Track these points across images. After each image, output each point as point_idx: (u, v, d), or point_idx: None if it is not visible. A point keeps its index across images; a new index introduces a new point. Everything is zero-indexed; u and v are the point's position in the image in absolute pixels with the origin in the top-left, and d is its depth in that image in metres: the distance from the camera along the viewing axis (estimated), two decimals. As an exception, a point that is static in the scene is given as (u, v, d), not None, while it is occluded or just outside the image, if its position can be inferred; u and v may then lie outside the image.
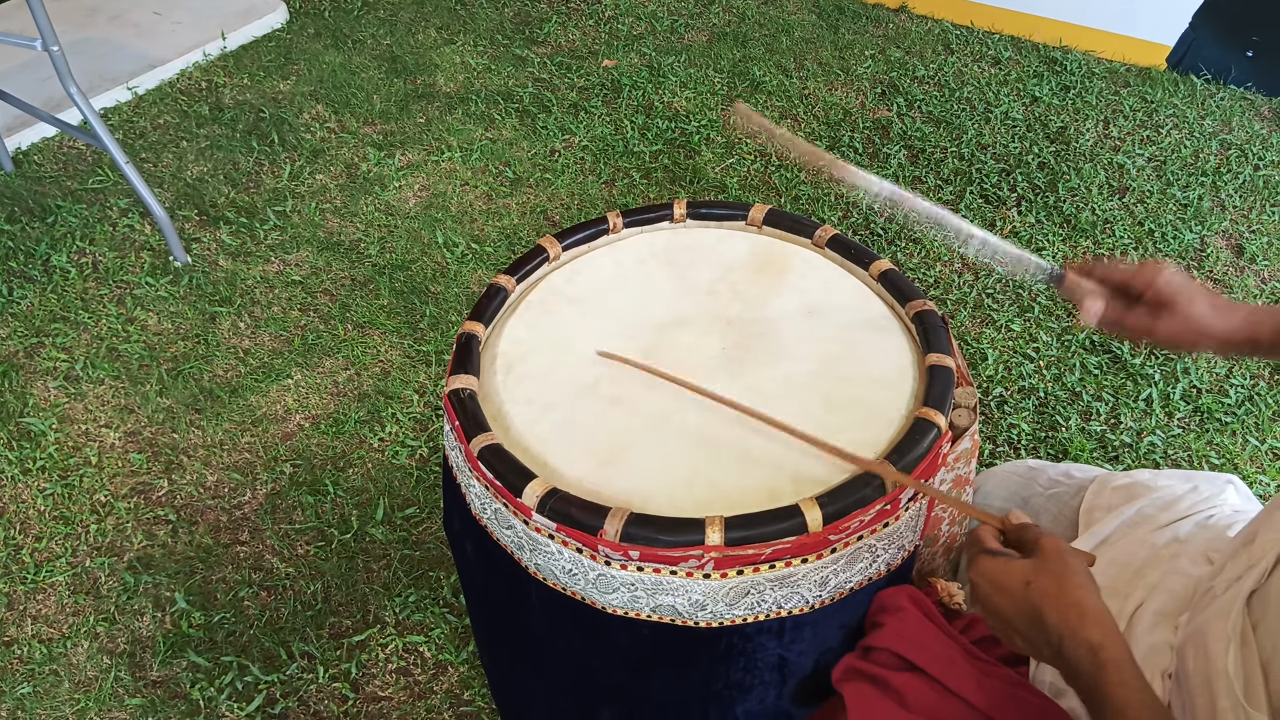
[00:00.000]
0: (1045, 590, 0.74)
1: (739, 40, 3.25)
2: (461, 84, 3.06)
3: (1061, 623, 0.73)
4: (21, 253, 2.41)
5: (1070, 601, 0.73)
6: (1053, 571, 0.75)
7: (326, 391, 2.09)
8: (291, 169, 2.69)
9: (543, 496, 0.88)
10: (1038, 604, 0.74)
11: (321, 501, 1.87)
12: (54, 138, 2.80)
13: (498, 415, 1.00)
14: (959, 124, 2.84)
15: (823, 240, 1.19)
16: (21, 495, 1.89)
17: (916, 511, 0.94)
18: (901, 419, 0.96)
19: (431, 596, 1.72)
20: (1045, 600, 0.74)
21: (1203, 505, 1.06)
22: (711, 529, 0.84)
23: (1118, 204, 2.56)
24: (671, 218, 1.24)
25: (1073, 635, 0.72)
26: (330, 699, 1.60)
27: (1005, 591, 0.77)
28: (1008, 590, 0.76)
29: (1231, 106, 2.91)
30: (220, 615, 1.70)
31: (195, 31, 3.21)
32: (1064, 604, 0.73)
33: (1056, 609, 0.73)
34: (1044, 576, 0.75)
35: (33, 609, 1.72)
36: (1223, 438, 1.98)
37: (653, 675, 0.98)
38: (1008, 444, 1.98)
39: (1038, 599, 0.74)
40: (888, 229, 2.48)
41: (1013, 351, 2.17)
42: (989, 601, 0.78)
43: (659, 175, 2.68)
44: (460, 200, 2.60)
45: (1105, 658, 0.70)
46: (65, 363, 2.14)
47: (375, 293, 2.32)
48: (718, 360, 1.05)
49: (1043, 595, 0.74)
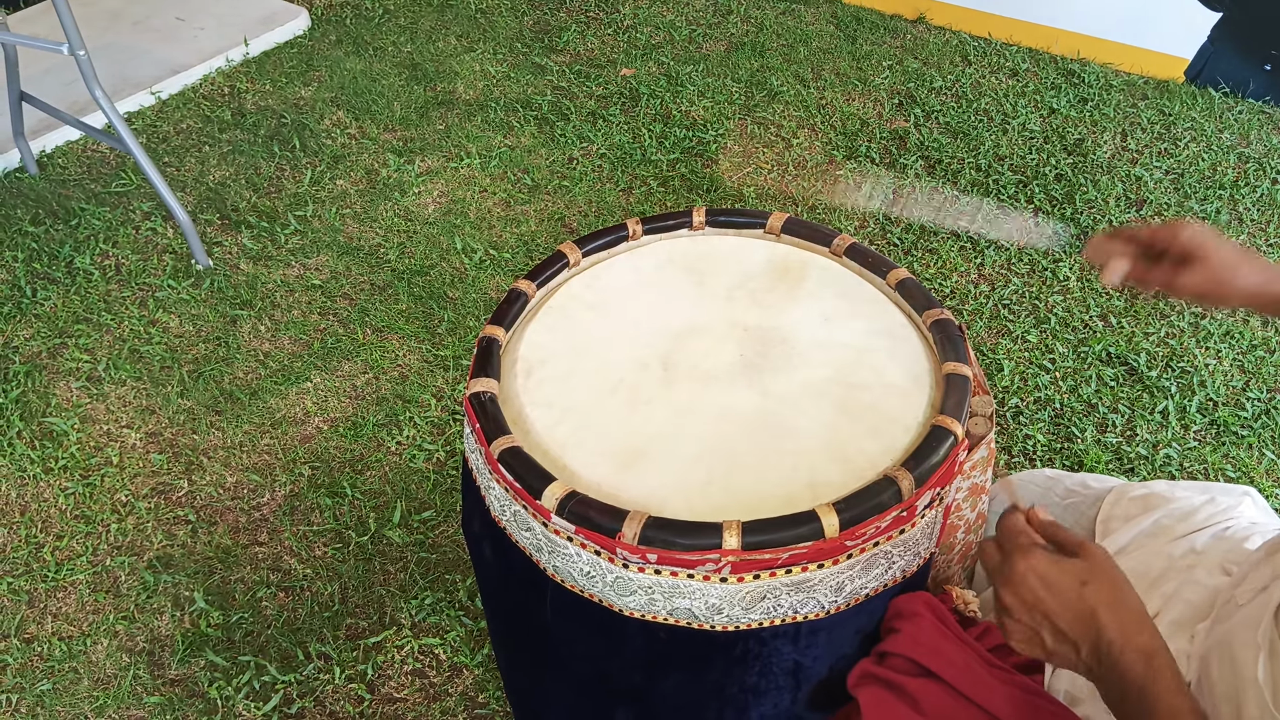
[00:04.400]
0: (1101, 594, 0.74)
1: (757, 50, 3.26)
2: (481, 91, 3.08)
3: (1118, 627, 0.72)
4: (45, 254, 2.44)
5: (1128, 607, 0.73)
6: (1108, 576, 0.75)
7: (345, 395, 2.11)
8: (312, 174, 2.72)
9: (562, 499, 0.89)
10: (1092, 606, 0.73)
11: (339, 504, 1.89)
12: (78, 141, 2.84)
13: (518, 418, 1.01)
14: (976, 135, 2.84)
15: (841, 249, 1.20)
16: (43, 494, 1.91)
17: (933, 519, 0.94)
18: (918, 426, 0.97)
19: (448, 599, 1.74)
20: (1101, 603, 0.73)
21: (1220, 517, 1.06)
22: (729, 533, 0.85)
23: (1135, 216, 2.56)
24: (691, 225, 1.25)
25: (1128, 641, 0.72)
26: (346, 700, 1.61)
27: (1057, 590, 0.75)
28: (1060, 589, 0.75)
29: (1250, 120, 2.90)
30: (238, 615, 1.72)
31: (218, 37, 3.24)
32: (1121, 609, 0.73)
33: (1113, 613, 0.73)
34: (1100, 579, 0.75)
35: (53, 607, 1.74)
36: (1239, 451, 1.98)
37: (668, 678, 0.99)
38: (1023, 455, 1.98)
39: (1092, 601, 0.73)
40: (904, 239, 2.49)
41: (1029, 362, 2.17)
42: (1034, 597, 0.76)
43: (676, 183, 2.69)
44: (479, 207, 2.62)
45: (1159, 664, 0.70)
46: (88, 363, 2.17)
47: (394, 298, 2.34)
48: (735, 366, 1.06)
49: (1099, 598, 0.73)
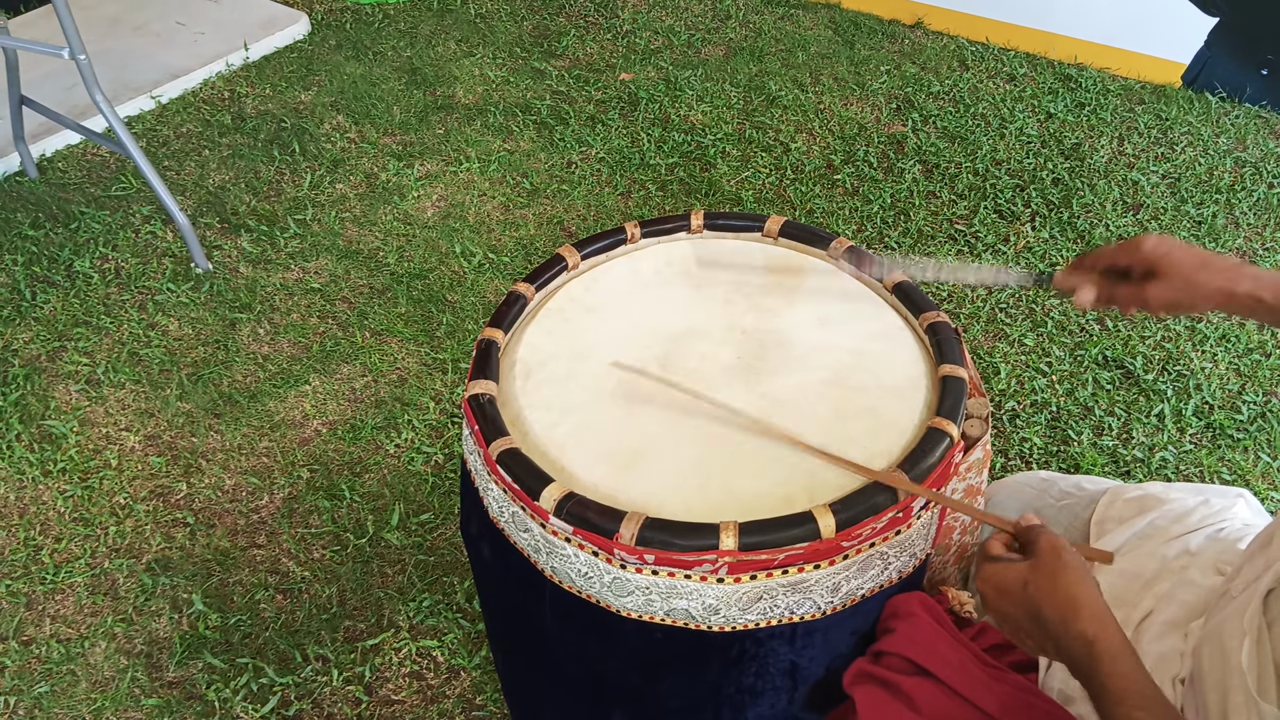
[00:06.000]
0: (1040, 588, 0.77)
1: (755, 55, 3.27)
2: (480, 96, 3.09)
3: (1056, 618, 0.75)
4: (45, 258, 2.44)
5: (1063, 596, 0.75)
6: (1046, 569, 0.77)
7: (344, 398, 2.11)
8: (312, 178, 2.72)
9: (560, 500, 0.90)
10: (1036, 602, 0.76)
11: (338, 506, 1.89)
12: (78, 145, 2.84)
13: (516, 420, 1.02)
14: (974, 140, 2.85)
15: (838, 252, 1.21)
16: (42, 497, 1.92)
17: (929, 520, 0.95)
18: (914, 428, 0.98)
19: (445, 602, 1.74)
20: (1041, 597, 0.76)
21: (1214, 518, 1.07)
22: (726, 534, 0.85)
23: (1132, 220, 2.57)
24: (689, 228, 1.26)
25: (1066, 629, 0.74)
26: (344, 702, 1.61)
27: (1006, 594, 0.79)
28: (1008, 592, 0.79)
29: (1246, 124, 2.91)
30: (236, 617, 1.72)
31: (218, 42, 3.25)
32: (1057, 599, 0.75)
33: (1051, 604, 0.75)
34: (1039, 575, 0.77)
35: (51, 609, 1.75)
36: (1235, 454, 1.98)
37: (665, 679, 0.99)
38: (1019, 458, 1.98)
39: (1035, 597, 0.76)
40: (902, 243, 2.49)
41: (1025, 366, 2.17)
42: (994, 605, 0.80)
43: (675, 188, 2.70)
44: (478, 210, 2.63)
45: (1100, 649, 0.72)
46: (87, 367, 2.17)
47: (393, 301, 2.35)
48: (732, 369, 1.06)
49: (1038, 593, 0.76)
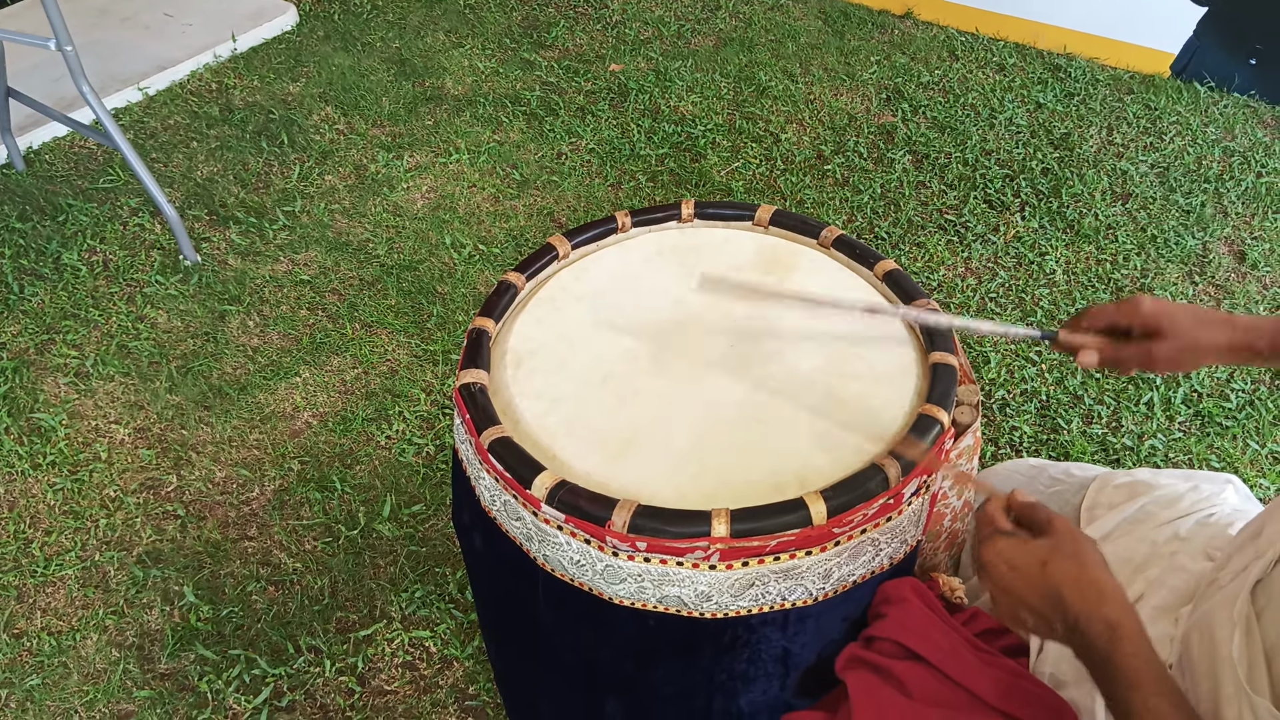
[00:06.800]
0: (1063, 570, 0.76)
1: (745, 46, 3.27)
2: (470, 87, 3.08)
3: (1080, 601, 0.74)
4: (33, 251, 2.43)
5: (1088, 580, 0.75)
6: (1069, 552, 0.77)
7: (334, 390, 2.11)
8: (301, 170, 2.71)
9: (552, 488, 0.90)
10: (1056, 583, 0.76)
11: (329, 498, 1.89)
12: (65, 137, 2.83)
13: (507, 409, 1.02)
14: (963, 130, 2.85)
15: (828, 241, 1.21)
16: (32, 490, 1.91)
17: (919, 506, 0.95)
18: (905, 415, 0.98)
19: (437, 592, 1.74)
20: (1064, 580, 0.76)
21: (1203, 504, 1.07)
22: (717, 521, 0.85)
23: (1121, 210, 2.58)
24: (679, 218, 1.26)
25: (1090, 614, 0.74)
26: (337, 692, 1.61)
27: (1021, 571, 0.78)
28: (1024, 570, 0.78)
29: (1235, 114, 2.92)
30: (228, 609, 1.72)
31: (205, 33, 3.23)
32: (1083, 583, 0.75)
33: (1076, 588, 0.75)
34: (1061, 557, 0.77)
35: (42, 602, 1.74)
36: (1223, 441, 1.99)
37: (658, 666, 0.99)
38: (1010, 446, 1.99)
39: (1056, 578, 0.76)
40: (892, 233, 2.50)
41: (1015, 354, 2.18)
42: (1004, 580, 0.79)
43: (665, 178, 2.69)
44: (468, 202, 2.62)
45: (1122, 633, 0.72)
46: (76, 359, 2.16)
47: (383, 292, 2.34)
48: (725, 357, 1.06)
49: (1061, 575, 0.76)
